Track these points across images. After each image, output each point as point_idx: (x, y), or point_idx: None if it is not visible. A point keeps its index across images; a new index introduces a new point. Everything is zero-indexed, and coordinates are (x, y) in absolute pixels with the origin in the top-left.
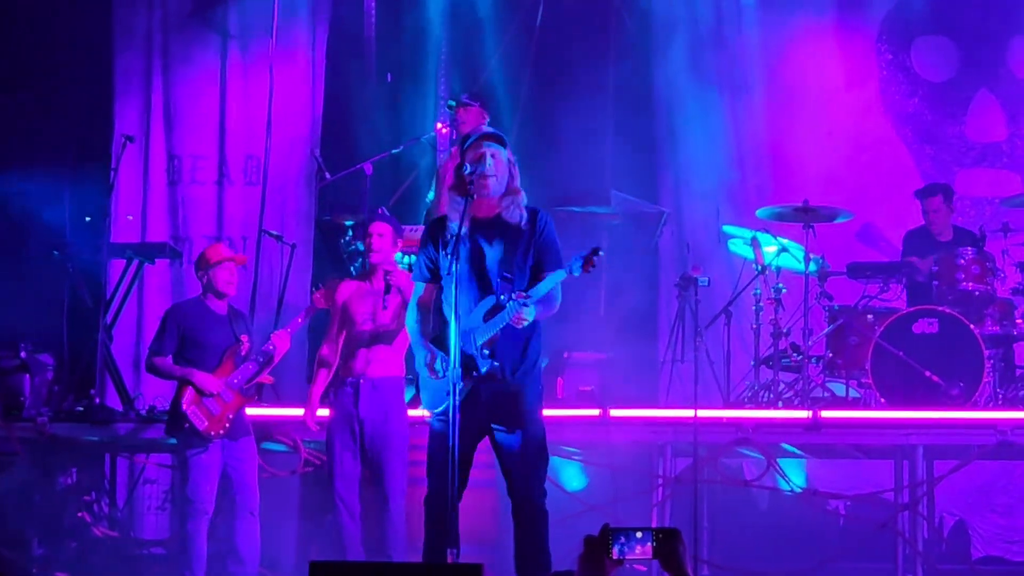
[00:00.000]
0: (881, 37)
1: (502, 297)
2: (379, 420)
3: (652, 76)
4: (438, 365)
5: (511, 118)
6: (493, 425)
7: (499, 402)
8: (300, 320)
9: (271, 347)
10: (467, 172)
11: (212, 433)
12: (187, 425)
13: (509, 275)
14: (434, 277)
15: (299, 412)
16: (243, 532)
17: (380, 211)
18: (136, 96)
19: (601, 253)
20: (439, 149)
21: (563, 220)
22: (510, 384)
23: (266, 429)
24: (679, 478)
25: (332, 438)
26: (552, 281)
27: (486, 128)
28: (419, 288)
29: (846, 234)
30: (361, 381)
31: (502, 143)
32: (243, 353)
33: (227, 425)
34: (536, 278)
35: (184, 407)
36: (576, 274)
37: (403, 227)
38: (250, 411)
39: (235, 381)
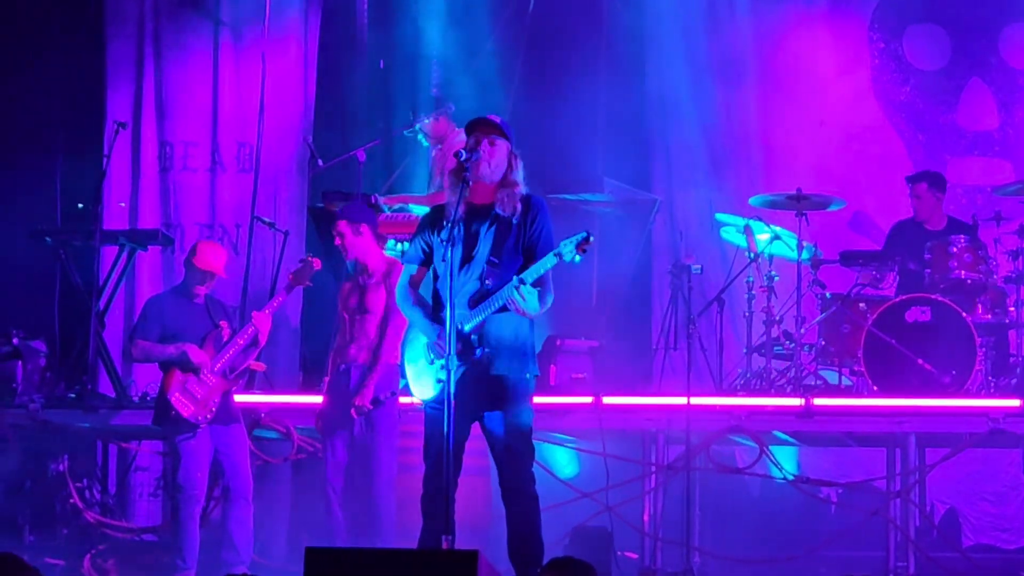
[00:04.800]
0: (873, 25)
1: (487, 282)
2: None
3: (645, 63)
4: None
5: (504, 104)
6: (481, 412)
7: (486, 389)
8: (279, 300)
9: (253, 328)
10: (462, 158)
11: (199, 418)
12: (173, 413)
13: (497, 260)
14: (426, 262)
15: (292, 399)
16: (236, 518)
17: (373, 198)
18: (128, 83)
19: (592, 239)
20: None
21: (556, 208)
22: (497, 371)
23: (258, 416)
24: (672, 465)
25: (324, 425)
26: (544, 264)
27: (492, 116)
28: (410, 269)
29: (839, 222)
30: (352, 368)
31: (503, 134)
32: (224, 339)
33: (213, 409)
34: (528, 264)
35: (170, 395)
36: (567, 259)
37: (380, 212)
38: (243, 398)
39: (218, 366)
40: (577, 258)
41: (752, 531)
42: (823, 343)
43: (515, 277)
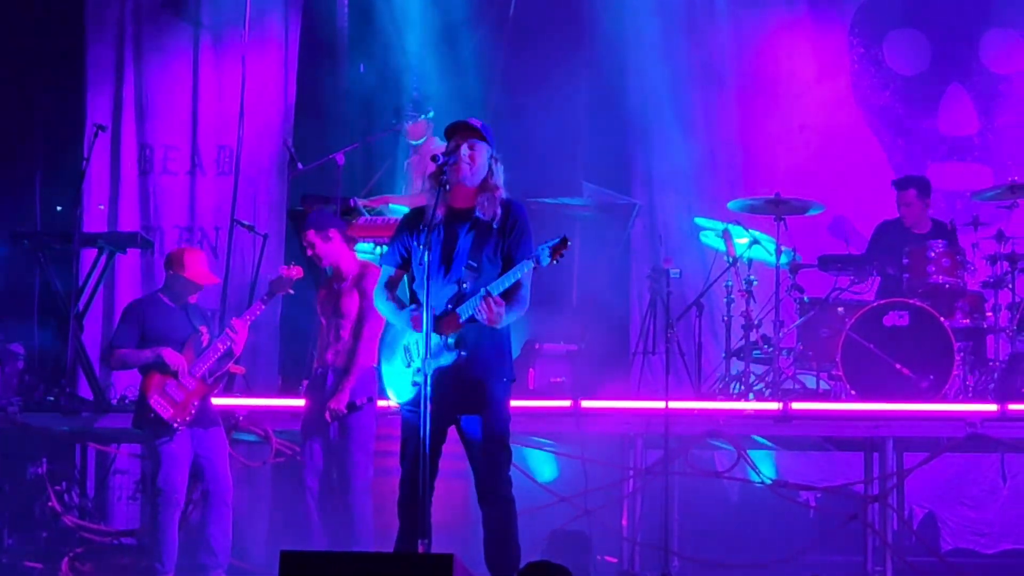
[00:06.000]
0: (853, 30)
1: (464, 285)
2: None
3: (625, 68)
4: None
5: (484, 108)
6: (458, 415)
7: (463, 392)
8: (258, 309)
9: (231, 333)
10: (439, 162)
11: (178, 420)
12: (152, 415)
13: (475, 264)
14: (404, 265)
15: (271, 403)
16: (215, 522)
17: (352, 202)
18: (108, 86)
19: (570, 243)
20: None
21: (535, 212)
22: (475, 375)
23: (237, 419)
24: (650, 469)
25: (304, 428)
26: (515, 273)
27: (473, 120)
28: (388, 271)
29: (817, 227)
30: (329, 372)
31: (483, 138)
32: (203, 343)
33: (192, 412)
34: (507, 270)
35: (149, 397)
36: (544, 263)
37: (360, 215)
38: (223, 401)
39: (196, 370)
40: (555, 262)
41: (730, 535)
42: (801, 347)
43: (483, 288)
